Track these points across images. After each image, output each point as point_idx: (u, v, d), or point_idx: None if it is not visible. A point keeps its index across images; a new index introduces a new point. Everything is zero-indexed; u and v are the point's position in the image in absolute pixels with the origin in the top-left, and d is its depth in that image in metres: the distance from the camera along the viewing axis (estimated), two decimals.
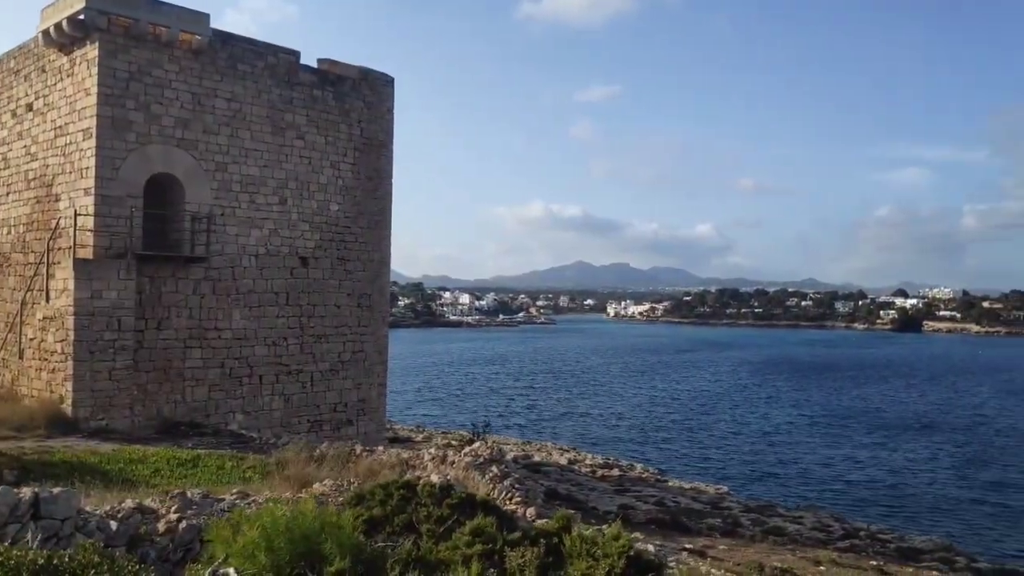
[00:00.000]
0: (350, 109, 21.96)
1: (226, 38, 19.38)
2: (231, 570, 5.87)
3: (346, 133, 21.82)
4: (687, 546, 14.10)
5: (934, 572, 17.53)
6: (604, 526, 6.79)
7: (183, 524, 8.27)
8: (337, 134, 21.58)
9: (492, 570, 5.59)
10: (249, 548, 5.94)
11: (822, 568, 14.23)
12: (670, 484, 30.05)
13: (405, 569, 5.81)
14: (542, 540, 6.02)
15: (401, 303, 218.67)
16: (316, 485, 10.95)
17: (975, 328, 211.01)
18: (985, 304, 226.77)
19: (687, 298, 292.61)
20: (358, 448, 15.10)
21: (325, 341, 21.50)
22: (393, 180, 23.59)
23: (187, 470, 12.42)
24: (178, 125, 18.35)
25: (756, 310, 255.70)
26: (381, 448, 16.61)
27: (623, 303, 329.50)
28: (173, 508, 8.91)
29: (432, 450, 15.98)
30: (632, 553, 5.70)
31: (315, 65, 21.50)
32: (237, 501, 9.55)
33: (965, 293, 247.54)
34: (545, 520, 10.35)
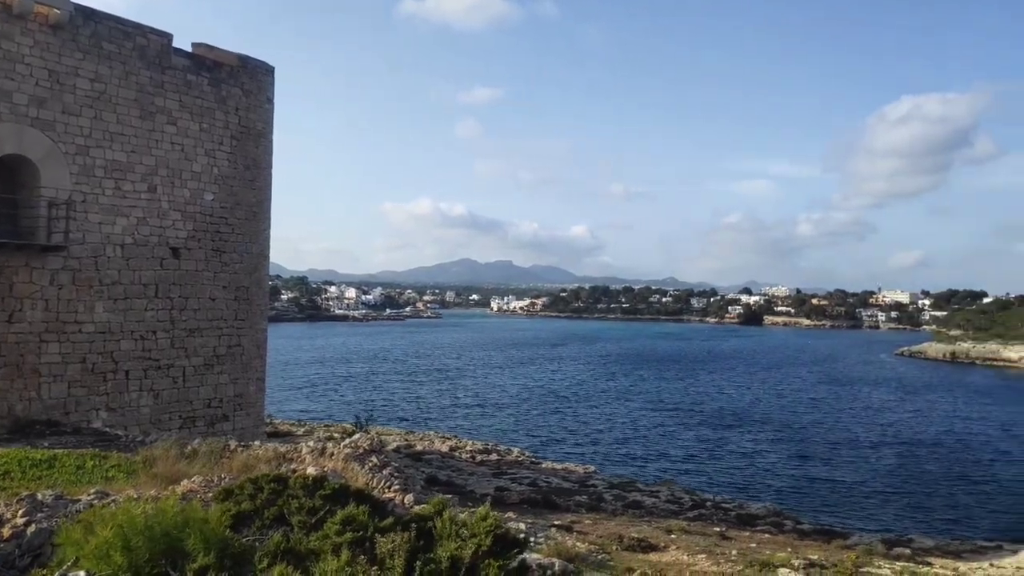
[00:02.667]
0: (227, 96, 20.54)
1: (89, 14, 17.46)
2: (82, 572, 5.31)
3: (222, 121, 20.40)
4: (556, 522, 14.26)
5: (766, 535, 18.71)
6: (478, 508, 6.66)
7: (32, 528, 7.45)
8: (213, 121, 20.13)
9: (363, 557, 5.33)
10: (103, 549, 5.40)
11: (673, 536, 14.82)
12: (544, 466, 30.52)
13: (273, 561, 5.43)
14: (414, 525, 5.81)
15: (284, 297, 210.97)
16: (185, 482, 10.16)
17: (806, 322, 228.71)
18: (814, 301, 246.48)
19: (563, 294, 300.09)
20: (232, 443, 14.20)
21: (198, 335, 20.10)
22: (273, 171, 22.42)
23: (41, 471, 11.17)
24: (33, 103, 16.36)
25: (623, 305, 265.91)
26: (257, 443, 15.72)
27: (506, 299, 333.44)
28: (20, 512, 8.01)
29: (311, 443, 15.28)
30: (499, 532, 5.61)
31: (189, 49, 20.00)
32: (95, 501, 8.69)
33: (799, 291, 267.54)
34: (421, 506, 10.10)
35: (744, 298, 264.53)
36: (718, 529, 17.73)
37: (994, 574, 15.82)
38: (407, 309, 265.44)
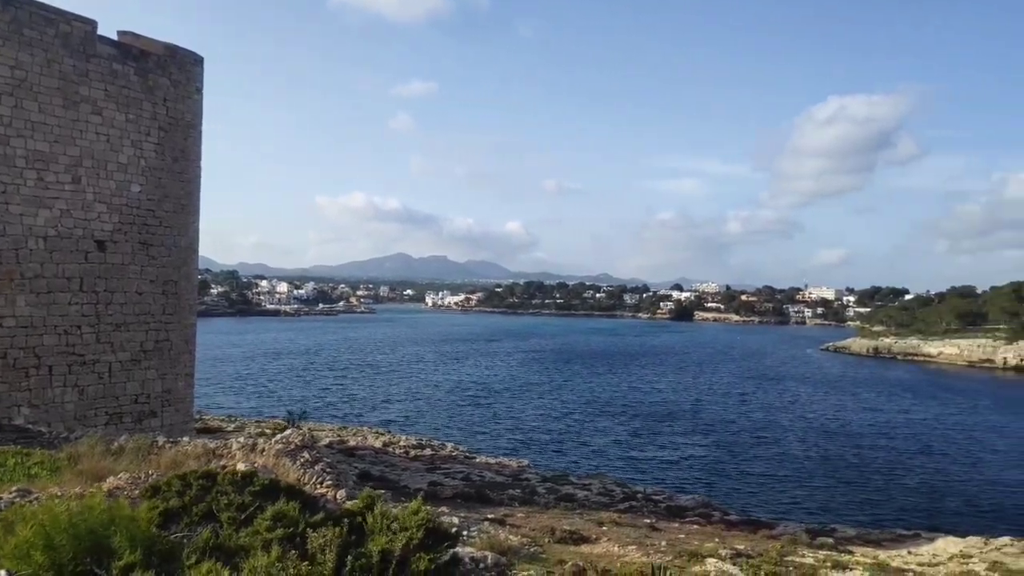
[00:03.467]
0: (154, 86, 19.92)
1: None
2: (2, 572, 5.22)
3: (150, 111, 19.78)
4: (489, 516, 14.41)
5: (695, 526, 19.22)
6: (410, 502, 6.76)
7: None
8: (140, 112, 19.50)
9: (293, 552, 5.37)
10: (24, 547, 5.30)
11: (604, 528, 15.09)
12: (478, 460, 30.64)
13: (202, 557, 5.43)
14: (345, 520, 5.87)
15: (214, 291, 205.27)
16: (111, 479, 9.93)
17: (735, 318, 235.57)
18: (743, 297, 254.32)
19: (498, 289, 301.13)
20: (161, 440, 13.88)
21: (125, 330, 19.50)
22: (202, 163, 21.87)
23: None
24: None
25: (558, 301, 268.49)
26: (186, 439, 15.40)
27: (441, 294, 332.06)
28: None
29: (241, 439, 15.06)
30: (431, 525, 5.73)
31: (115, 37, 19.30)
32: (16, 499, 8.43)
33: (728, 288, 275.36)
34: (353, 501, 10.11)
35: (675, 294, 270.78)
36: (648, 521, 18.09)
37: (912, 561, 16.25)
38: (340, 304, 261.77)
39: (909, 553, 17.83)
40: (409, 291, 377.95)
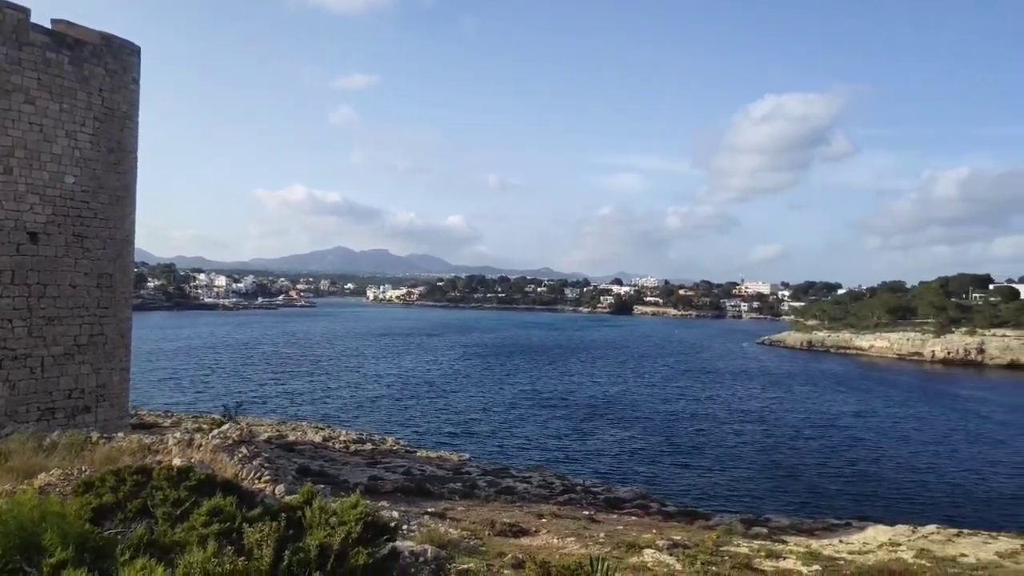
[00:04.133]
0: (89, 76, 19.21)
1: None
2: None
3: (84, 101, 19.08)
4: (429, 510, 14.47)
5: (633, 517, 19.59)
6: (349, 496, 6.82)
7: None
8: (74, 102, 18.79)
9: (230, 548, 5.37)
10: None
11: (544, 520, 15.29)
12: (418, 454, 30.58)
13: (136, 554, 5.40)
14: (283, 514, 5.91)
15: (151, 284, 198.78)
16: (42, 475, 9.67)
17: (673, 312, 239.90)
18: (682, 291, 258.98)
19: (440, 283, 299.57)
20: (94, 435, 13.50)
21: (58, 323, 18.81)
22: (139, 155, 21.24)
23: None
24: None
25: (500, 295, 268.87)
26: (121, 435, 14.99)
27: (382, 287, 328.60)
28: None
29: (178, 434, 14.75)
30: (370, 519, 5.81)
31: (48, 25, 18.57)
32: None
33: (667, 282, 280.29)
34: (292, 496, 10.07)
35: (615, 288, 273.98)
36: (587, 512, 18.32)
37: (843, 549, 16.40)
38: (280, 298, 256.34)
39: (840, 542, 18.27)
40: (350, 285, 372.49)
